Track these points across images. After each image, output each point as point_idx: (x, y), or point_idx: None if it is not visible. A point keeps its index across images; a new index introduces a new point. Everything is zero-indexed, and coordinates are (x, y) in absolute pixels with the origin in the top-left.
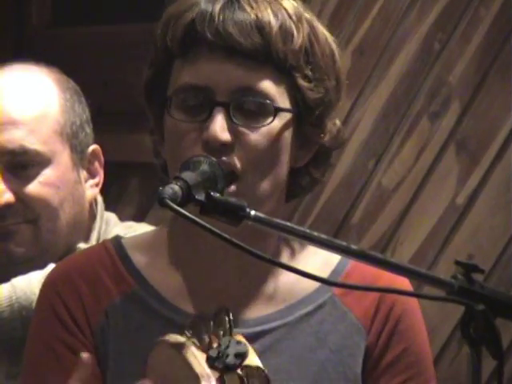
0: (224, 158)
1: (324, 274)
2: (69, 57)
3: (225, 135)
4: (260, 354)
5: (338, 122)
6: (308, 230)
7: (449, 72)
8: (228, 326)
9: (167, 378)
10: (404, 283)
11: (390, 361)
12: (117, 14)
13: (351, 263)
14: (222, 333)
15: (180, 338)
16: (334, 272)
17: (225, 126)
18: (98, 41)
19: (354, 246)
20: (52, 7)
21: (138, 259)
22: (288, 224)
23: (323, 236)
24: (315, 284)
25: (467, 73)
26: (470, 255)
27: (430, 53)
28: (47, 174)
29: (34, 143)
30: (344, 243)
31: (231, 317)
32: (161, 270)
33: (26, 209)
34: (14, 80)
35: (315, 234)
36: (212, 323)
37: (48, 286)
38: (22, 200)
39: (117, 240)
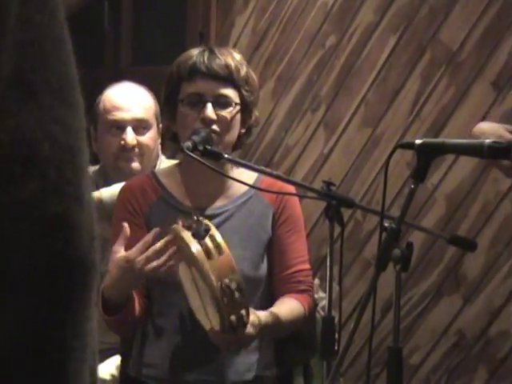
0: (214, 127)
1: (252, 179)
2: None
3: (214, 115)
4: (217, 227)
5: (257, 113)
6: (250, 164)
7: None
8: (198, 218)
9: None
10: (290, 187)
11: (282, 220)
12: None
13: (263, 176)
14: (196, 220)
15: (179, 227)
16: (256, 180)
17: (213, 111)
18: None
19: (274, 172)
20: (131, 50)
21: (164, 180)
22: (241, 160)
23: (258, 167)
24: (245, 187)
25: None
26: (330, 178)
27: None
28: (150, 133)
29: (146, 117)
30: (269, 170)
31: (199, 216)
32: (175, 184)
33: (140, 148)
34: (131, 87)
35: (255, 166)
36: (192, 218)
37: (122, 192)
38: (139, 144)
39: (153, 171)
